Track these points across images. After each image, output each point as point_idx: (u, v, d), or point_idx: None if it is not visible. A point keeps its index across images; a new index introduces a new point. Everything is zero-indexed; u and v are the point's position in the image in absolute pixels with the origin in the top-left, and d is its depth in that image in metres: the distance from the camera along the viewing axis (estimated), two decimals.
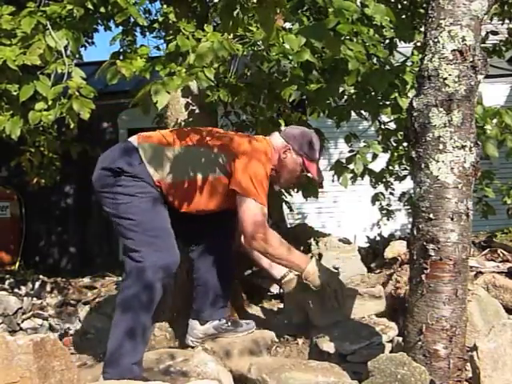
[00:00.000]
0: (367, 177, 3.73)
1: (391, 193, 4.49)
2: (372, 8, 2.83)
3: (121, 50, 3.59)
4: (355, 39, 2.81)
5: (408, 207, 5.05)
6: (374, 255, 3.51)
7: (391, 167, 4.13)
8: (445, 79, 1.75)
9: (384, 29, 3.01)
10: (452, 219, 1.75)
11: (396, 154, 3.97)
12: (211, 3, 3.51)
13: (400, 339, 2.18)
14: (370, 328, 2.41)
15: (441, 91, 1.76)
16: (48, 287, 4.05)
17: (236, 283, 2.97)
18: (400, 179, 4.22)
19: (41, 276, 4.17)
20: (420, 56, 1.99)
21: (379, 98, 3.04)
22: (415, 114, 1.81)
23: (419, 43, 3.62)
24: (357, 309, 2.59)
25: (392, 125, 3.58)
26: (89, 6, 2.82)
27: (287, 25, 3.26)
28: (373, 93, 3.01)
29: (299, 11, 2.98)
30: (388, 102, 3.03)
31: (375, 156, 3.48)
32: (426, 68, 1.79)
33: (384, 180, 4.14)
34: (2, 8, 2.82)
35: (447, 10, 1.76)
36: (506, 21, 5.00)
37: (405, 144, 3.60)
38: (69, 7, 2.73)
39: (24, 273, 4.51)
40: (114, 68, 2.57)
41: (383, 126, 3.70)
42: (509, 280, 2.60)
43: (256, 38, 2.88)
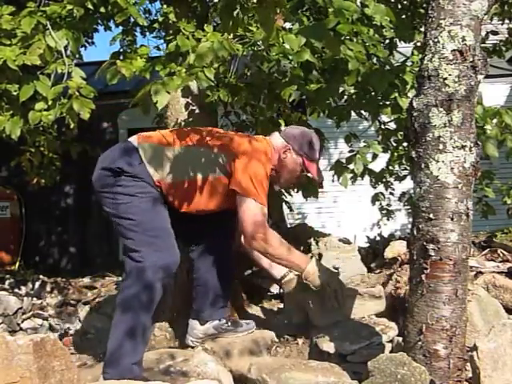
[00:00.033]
0: (367, 177, 3.73)
1: (391, 193, 4.49)
2: (372, 8, 2.83)
3: (121, 50, 3.59)
4: (355, 39, 2.81)
5: (408, 207, 5.05)
6: (374, 255, 3.51)
7: (391, 167, 4.13)
8: (445, 79, 1.75)
9: (384, 29, 3.01)
10: (452, 219, 1.75)
11: (396, 154, 3.97)
12: (211, 3, 3.51)
13: (400, 339, 2.18)
14: (370, 328, 2.42)
15: (441, 91, 1.76)
16: (48, 287, 4.05)
17: (236, 283, 2.97)
18: (400, 179, 4.22)
19: (41, 276, 4.17)
20: (420, 56, 1.99)
21: (379, 98, 3.04)
22: (415, 114, 1.81)
23: (419, 43, 3.62)
24: (357, 309, 2.59)
25: (392, 125, 3.58)
26: (89, 6, 2.83)
27: (287, 25, 3.26)
28: (373, 93, 3.01)
29: (299, 11, 2.98)
30: (388, 102, 3.03)
31: (375, 156, 3.48)
32: (426, 68, 1.79)
33: (384, 180, 4.13)
34: (2, 8, 2.82)
35: (447, 10, 1.77)
36: (506, 21, 5.00)
37: (405, 144, 3.60)
38: (69, 7, 2.73)
39: (24, 273, 4.50)
40: (114, 68, 2.57)
41: (383, 126, 3.70)
42: (509, 280, 2.60)
43: (256, 38, 2.88)
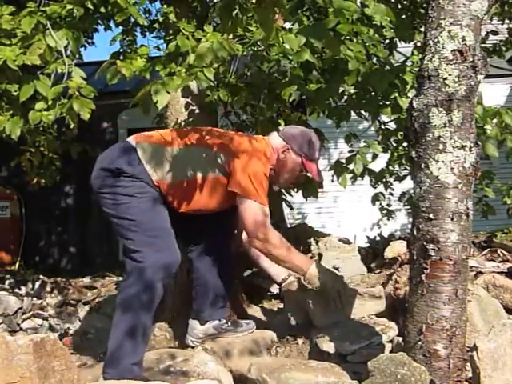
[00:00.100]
0: (367, 177, 3.73)
1: (391, 193, 4.48)
2: (372, 8, 2.83)
3: (121, 50, 3.60)
4: (355, 39, 2.81)
5: (408, 207, 5.05)
6: (374, 255, 3.50)
7: (391, 167, 4.13)
8: (445, 79, 1.75)
9: (384, 29, 3.01)
10: (452, 219, 1.75)
11: (396, 154, 3.97)
12: (211, 3, 3.51)
13: (400, 339, 2.18)
14: (370, 328, 2.42)
15: (441, 91, 1.76)
16: (48, 287, 4.05)
17: (236, 283, 2.97)
18: (400, 179, 4.22)
19: (41, 276, 4.17)
20: (420, 56, 1.99)
21: (379, 98, 3.04)
22: (415, 114, 1.81)
23: (419, 43, 3.62)
24: (357, 309, 2.59)
25: (392, 125, 3.58)
26: (89, 6, 2.83)
27: (287, 25, 3.26)
28: (373, 93, 3.01)
29: (299, 11, 2.98)
30: (388, 102, 3.03)
31: (375, 156, 3.48)
32: (426, 68, 1.79)
33: (384, 180, 4.13)
34: (2, 8, 2.82)
35: (447, 10, 1.76)
36: (506, 21, 5.00)
37: (405, 144, 3.60)
38: (69, 7, 2.73)
39: (24, 273, 4.50)
40: (114, 68, 2.57)
41: (383, 126, 3.70)
42: (509, 280, 2.60)
43: (256, 38, 2.88)
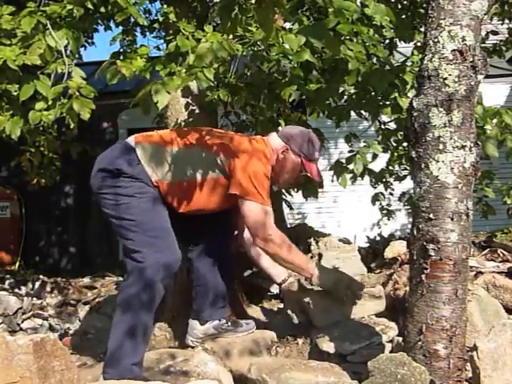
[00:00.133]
0: (367, 177, 3.73)
1: (391, 193, 4.48)
2: (372, 8, 2.83)
3: (121, 50, 3.60)
4: (355, 39, 2.81)
5: (408, 207, 5.05)
6: (374, 255, 3.51)
7: (391, 167, 4.13)
8: (445, 79, 1.75)
9: (384, 29, 3.01)
10: (452, 219, 1.75)
11: (396, 154, 3.97)
12: (211, 3, 3.51)
13: (400, 339, 2.18)
14: (370, 328, 2.42)
15: (441, 91, 1.76)
16: (48, 287, 4.04)
17: (236, 283, 2.97)
18: (400, 179, 4.22)
19: (41, 276, 4.17)
20: (420, 56, 1.99)
21: (379, 98, 3.04)
22: (415, 114, 1.81)
23: (419, 43, 3.62)
24: (357, 309, 2.59)
25: (392, 125, 3.58)
26: (89, 6, 2.83)
27: (287, 25, 3.26)
28: (373, 93, 3.01)
29: (299, 11, 2.98)
30: (388, 102, 3.03)
31: (375, 156, 3.48)
32: (426, 68, 1.79)
33: (384, 180, 4.13)
34: (2, 8, 2.82)
35: (447, 10, 1.77)
36: (506, 21, 5.00)
37: (405, 144, 3.60)
38: (69, 7, 2.74)
39: (24, 273, 4.50)
40: (114, 68, 2.57)
41: (383, 126, 3.70)
42: (509, 280, 2.60)
43: (256, 38, 2.88)
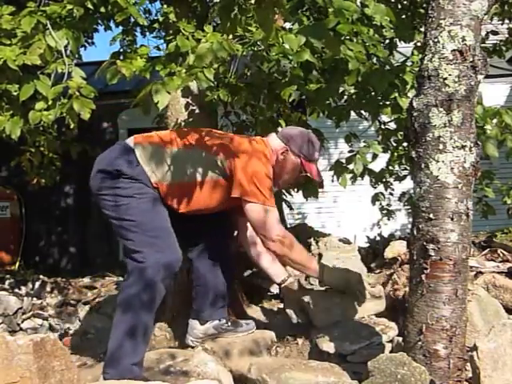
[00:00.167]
0: (367, 177, 3.73)
1: (391, 193, 4.49)
2: (372, 8, 2.83)
3: (121, 50, 3.60)
4: (355, 39, 2.81)
5: (408, 207, 5.05)
6: (374, 255, 3.50)
7: (391, 167, 4.13)
8: (445, 79, 1.75)
9: (384, 29, 3.01)
10: (452, 219, 1.75)
11: (396, 154, 3.97)
12: (211, 3, 3.51)
13: (400, 339, 2.18)
14: (370, 328, 2.42)
15: (441, 91, 1.76)
16: (48, 287, 4.05)
17: (236, 283, 2.97)
18: (400, 179, 4.22)
19: (41, 276, 4.17)
20: (420, 56, 1.99)
21: (379, 98, 3.04)
22: (415, 114, 1.81)
23: (419, 43, 3.62)
24: (357, 309, 2.59)
25: (392, 125, 3.58)
26: (89, 6, 2.83)
27: (287, 25, 3.26)
28: (373, 93, 3.01)
29: (299, 11, 2.98)
30: (388, 102, 3.03)
31: (375, 156, 3.48)
32: (426, 68, 1.79)
33: (384, 180, 4.14)
34: (2, 8, 2.82)
35: (447, 10, 1.76)
36: (506, 21, 5.00)
37: (405, 144, 3.60)
38: (69, 7, 2.74)
39: (24, 273, 4.50)
40: (114, 68, 2.57)
41: (383, 126, 3.70)
42: (509, 280, 2.61)
43: (256, 38, 2.88)
